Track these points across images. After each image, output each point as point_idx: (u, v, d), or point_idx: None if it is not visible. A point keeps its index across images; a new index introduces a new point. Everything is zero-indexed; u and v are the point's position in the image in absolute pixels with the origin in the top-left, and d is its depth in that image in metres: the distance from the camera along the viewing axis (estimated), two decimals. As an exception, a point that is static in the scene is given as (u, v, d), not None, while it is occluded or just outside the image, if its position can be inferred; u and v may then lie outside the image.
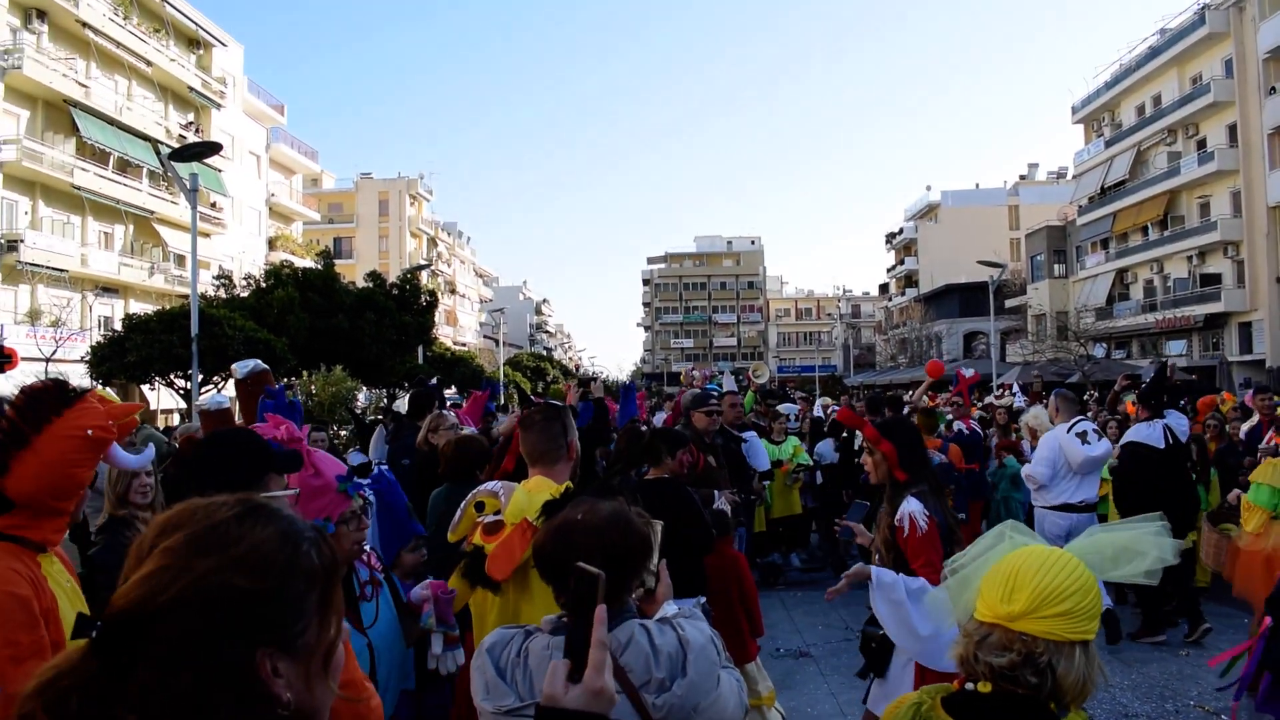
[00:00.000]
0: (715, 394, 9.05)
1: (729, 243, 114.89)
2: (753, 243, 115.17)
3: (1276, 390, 13.45)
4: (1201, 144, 44.47)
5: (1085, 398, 17.28)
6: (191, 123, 41.64)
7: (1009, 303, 58.18)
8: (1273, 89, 38.20)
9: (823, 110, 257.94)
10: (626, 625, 2.21)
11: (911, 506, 4.19)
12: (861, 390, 40.80)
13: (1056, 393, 9.13)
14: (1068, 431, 8.32)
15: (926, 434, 9.05)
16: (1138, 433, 8.55)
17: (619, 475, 5.70)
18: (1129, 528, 2.25)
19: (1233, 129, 42.07)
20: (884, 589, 4.12)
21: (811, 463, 12.04)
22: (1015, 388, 18.49)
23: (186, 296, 24.42)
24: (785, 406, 14.22)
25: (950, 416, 11.63)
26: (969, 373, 13.36)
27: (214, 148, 15.93)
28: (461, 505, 3.88)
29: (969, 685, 1.98)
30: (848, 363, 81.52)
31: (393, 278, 38.40)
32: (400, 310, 32.36)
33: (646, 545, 2.34)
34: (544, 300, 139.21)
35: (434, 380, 10.55)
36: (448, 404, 9.96)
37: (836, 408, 16.20)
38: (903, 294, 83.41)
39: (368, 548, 3.39)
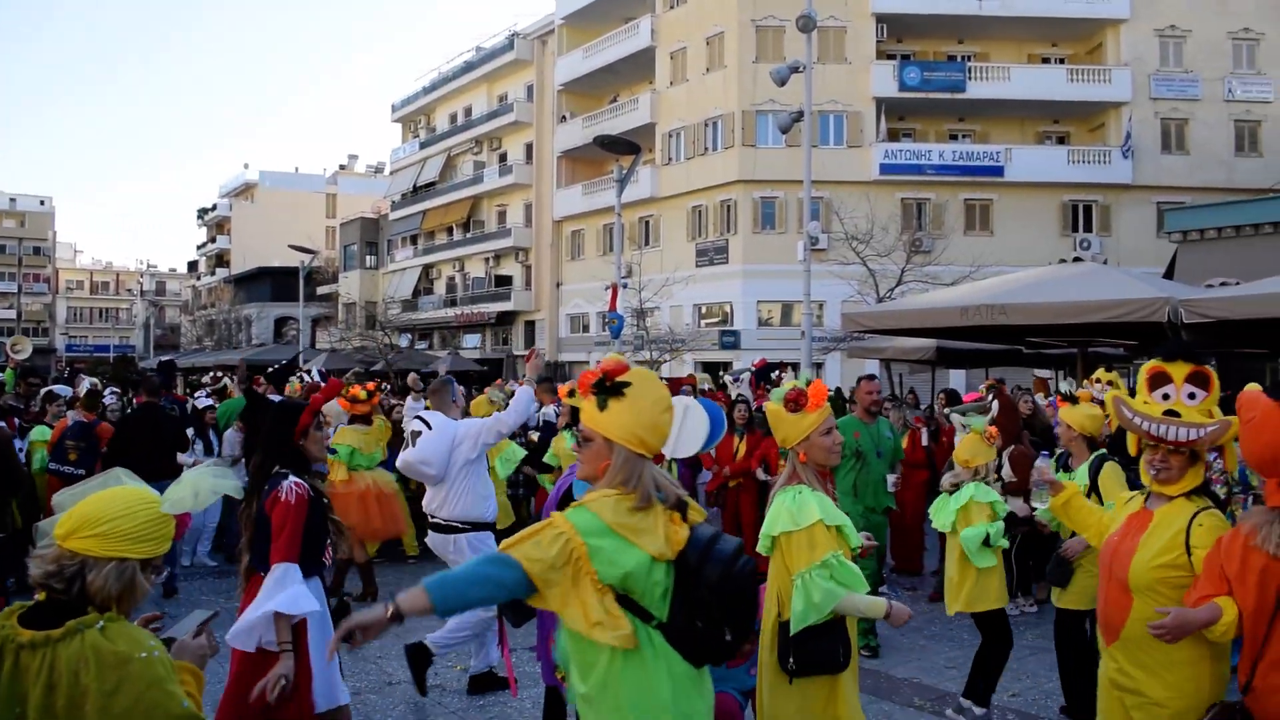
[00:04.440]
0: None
1: (12, 200, 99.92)
2: (42, 203, 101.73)
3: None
4: (504, 157, 48.63)
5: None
6: None
7: (321, 290, 58.42)
8: (564, 117, 43.12)
9: (135, 69, 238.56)
10: None
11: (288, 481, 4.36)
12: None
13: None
14: None
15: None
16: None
17: None
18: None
19: (530, 147, 46.69)
20: None
21: None
22: (316, 372, 18.71)
23: None
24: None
25: None
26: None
27: None
28: None
29: (36, 597, 2.33)
30: (149, 343, 75.81)
31: None
32: None
33: None
34: None
35: None
36: None
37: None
38: (213, 273, 79.88)
39: None
